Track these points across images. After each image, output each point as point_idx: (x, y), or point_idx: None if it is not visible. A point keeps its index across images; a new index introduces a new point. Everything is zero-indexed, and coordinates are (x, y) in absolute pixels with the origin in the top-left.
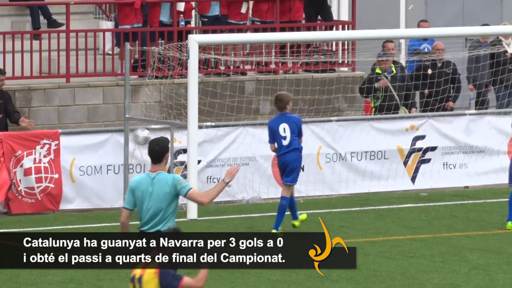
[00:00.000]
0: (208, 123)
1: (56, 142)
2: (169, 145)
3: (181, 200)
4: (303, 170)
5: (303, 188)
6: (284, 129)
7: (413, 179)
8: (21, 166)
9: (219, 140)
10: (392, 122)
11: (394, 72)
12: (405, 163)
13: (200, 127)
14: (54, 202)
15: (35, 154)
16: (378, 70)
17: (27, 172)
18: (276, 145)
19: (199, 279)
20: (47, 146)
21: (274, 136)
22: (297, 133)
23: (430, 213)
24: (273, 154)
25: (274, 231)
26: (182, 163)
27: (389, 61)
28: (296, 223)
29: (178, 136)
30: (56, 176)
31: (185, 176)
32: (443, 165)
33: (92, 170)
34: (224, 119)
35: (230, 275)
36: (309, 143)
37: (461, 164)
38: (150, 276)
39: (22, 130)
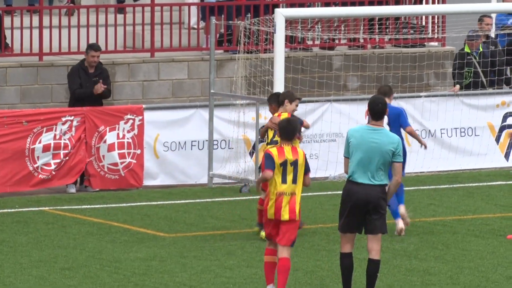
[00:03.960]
0: None
1: (140, 117)
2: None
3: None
4: None
5: None
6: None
7: (506, 155)
8: (104, 142)
9: (305, 116)
10: (483, 98)
11: (481, 50)
12: (497, 139)
13: None
14: (137, 178)
15: (118, 130)
16: (466, 49)
17: (110, 148)
18: None
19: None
20: (131, 121)
21: None
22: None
23: None
24: None
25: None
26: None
27: (479, 40)
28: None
29: (264, 111)
30: (139, 151)
31: None
32: None
33: (177, 145)
34: (311, 94)
35: (316, 253)
36: None
37: None
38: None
39: (107, 105)
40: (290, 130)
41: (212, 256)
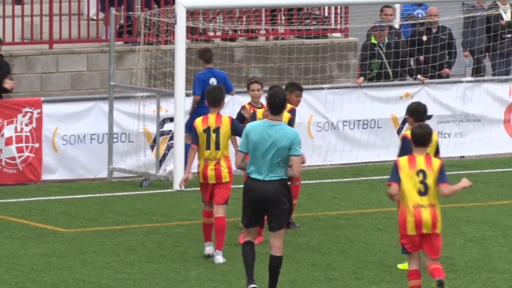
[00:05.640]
0: None
1: (39, 110)
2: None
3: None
4: None
5: None
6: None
7: None
8: (2, 135)
9: None
10: (386, 90)
11: (387, 41)
12: (398, 132)
13: (187, 95)
14: (35, 172)
15: (16, 123)
16: (373, 40)
17: (7, 142)
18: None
19: None
20: (29, 114)
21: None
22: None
23: None
24: None
25: None
26: (169, 132)
27: (385, 31)
28: None
29: (165, 104)
30: (37, 145)
31: (171, 146)
32: (439, 134)
33: (76, 139)
34: None
35: None
36: (300, 111)
37: (456, 133)
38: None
39: (5, 98)
40: (214, 97)
41: (112, 251)
